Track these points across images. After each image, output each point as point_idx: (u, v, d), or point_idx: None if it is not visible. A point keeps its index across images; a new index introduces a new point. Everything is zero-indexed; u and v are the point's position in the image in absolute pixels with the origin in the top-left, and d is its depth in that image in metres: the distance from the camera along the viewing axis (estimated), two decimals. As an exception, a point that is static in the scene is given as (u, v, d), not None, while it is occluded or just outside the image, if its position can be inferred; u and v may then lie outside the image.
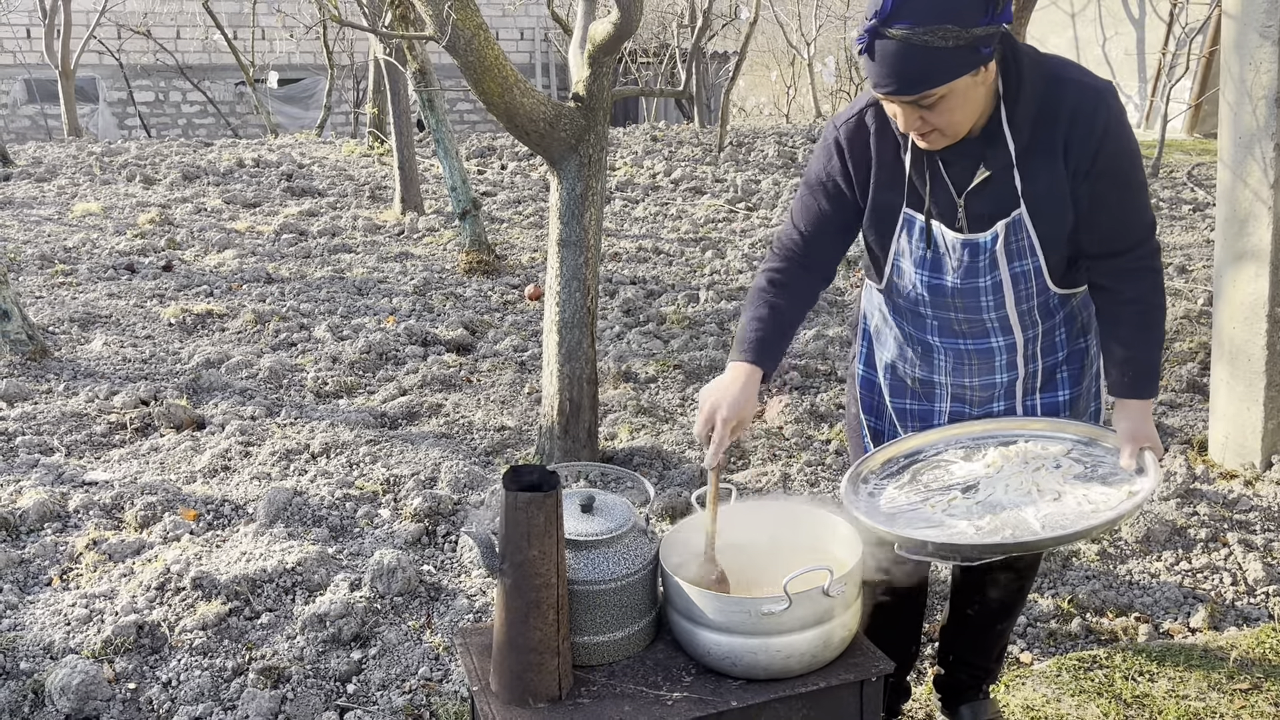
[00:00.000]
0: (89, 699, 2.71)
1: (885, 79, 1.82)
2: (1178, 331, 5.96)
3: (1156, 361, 2.09)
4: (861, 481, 2.17)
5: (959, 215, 2.03)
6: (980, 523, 1.96)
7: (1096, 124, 1.92)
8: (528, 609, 1.85)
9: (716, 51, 19.68)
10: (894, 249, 2.12)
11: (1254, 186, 3.89)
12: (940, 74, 1.79)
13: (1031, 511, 1.96)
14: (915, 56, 1.77)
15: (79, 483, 4.04)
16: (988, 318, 2.12)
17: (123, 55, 18.39)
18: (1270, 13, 3.74)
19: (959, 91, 1.83)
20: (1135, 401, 2.07)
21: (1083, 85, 1.94)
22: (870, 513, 2.05)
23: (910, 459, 2.22)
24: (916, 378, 2.27)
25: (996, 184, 1.99)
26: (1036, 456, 2.11)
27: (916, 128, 1.90)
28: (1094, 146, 1.93)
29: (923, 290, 2.13)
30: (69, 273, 7.25)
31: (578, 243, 3.99)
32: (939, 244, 2.06)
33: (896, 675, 2.57)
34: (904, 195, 2.06)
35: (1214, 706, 2.72)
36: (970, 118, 1.91)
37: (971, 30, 1.76)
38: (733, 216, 9.42)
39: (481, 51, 3.67)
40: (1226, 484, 4.00)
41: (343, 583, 3.25)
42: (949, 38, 1.75)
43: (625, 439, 4.56)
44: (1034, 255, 2.04)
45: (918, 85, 1.80)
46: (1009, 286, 2.07)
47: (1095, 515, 1.91)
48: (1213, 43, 11.97)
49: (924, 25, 1.75)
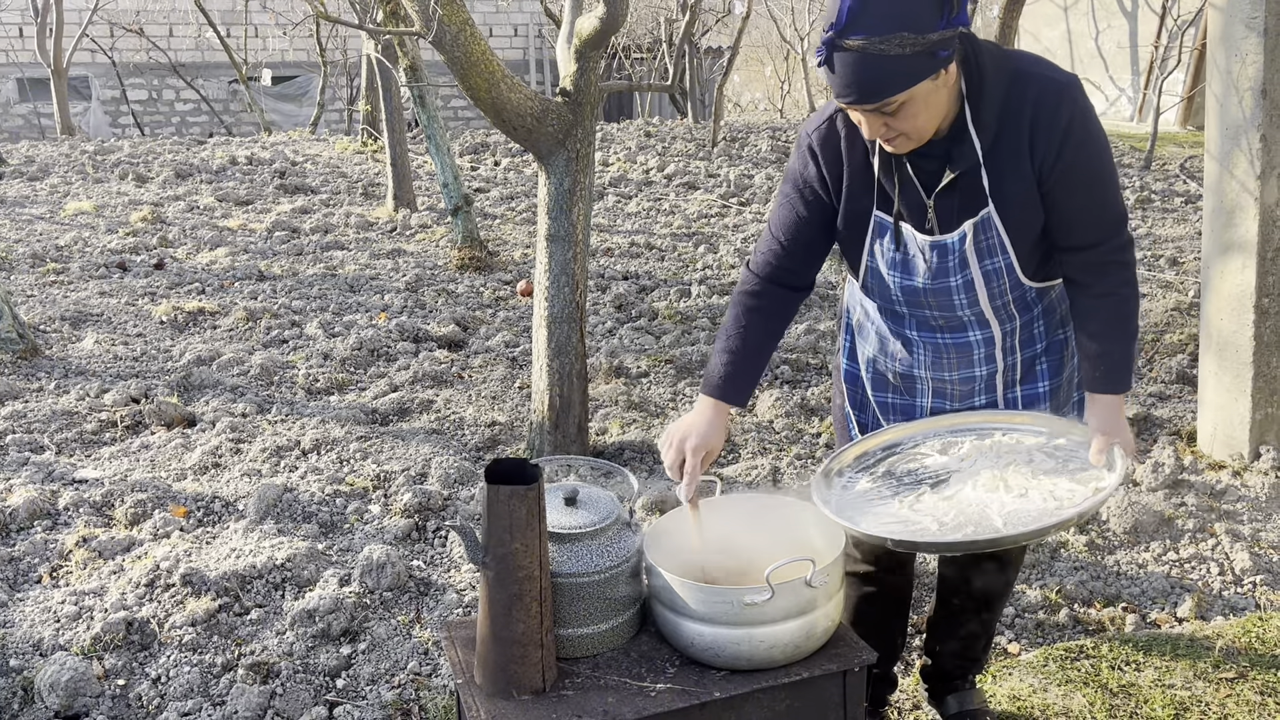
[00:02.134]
0: (78, 695, 2.71)
1: (845, 89, 1.83)
2: (1168, 324, 5.98)
3: (1129, 356, 2.08)
4: (836, 475, 2.18)
5: (929, 216, 2.04)
6: (945, 518, 1.97)
7: (1060, 118, 1.92)
8: (510, 602, 1.86)
9: (710, 46, 19.68)
10: (866, 252, 2.13)
11: (1241, 178, 3.90)
12: (899, 81, 1.79)
13: (996, 507, 1.96)
14: (873, 66, 1.78)
15: (69, 480, 4.04)
16: (963, 314, 2.13)
17: (115, 53, 18.35)
18: (1256, 4, 3.75)
19: (920, 97, 1.84)
20: (1107, 396, 2.07)
21: (1046, 80, 1.94)
22: (840, 506, 2.06)
23: (888, 451, 2.23)
24: (898, 372, 2.28)
25: (964, 183, 1.99)
26: (1009, 450, 2.12)
27: (881, 134, 1.91)
28: (1059, 141, 1.93)
29: (897, 291, 2.14)
30: (60, 271, 7.24)
31: (566, 237, 3.99)
32: (908, 246, 2.07)
33: (883, 666, 2.59)
34: (874, 198, 2.07)
35: (1200, 695, 2.73)
36: (934, 121, 1.91)
37: (927, 36, 1.77)
38: (726, 211, 9.43)
39: (468, 46, 3.67)
40: (1215, 475, 4.01)
41: (332, 578, 3.26)
42: (905, 45, 1.76)
43: (616, 434, 4.56)
44: (1004, 253, 2.04)
45: (877, 94, 1.81)
46: (981, 284, 2.08)
47: (1057, 512, 1.91)
48: (1204, 35, 11.96)
49: (879, 34, 1.75)
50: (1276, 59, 3.77)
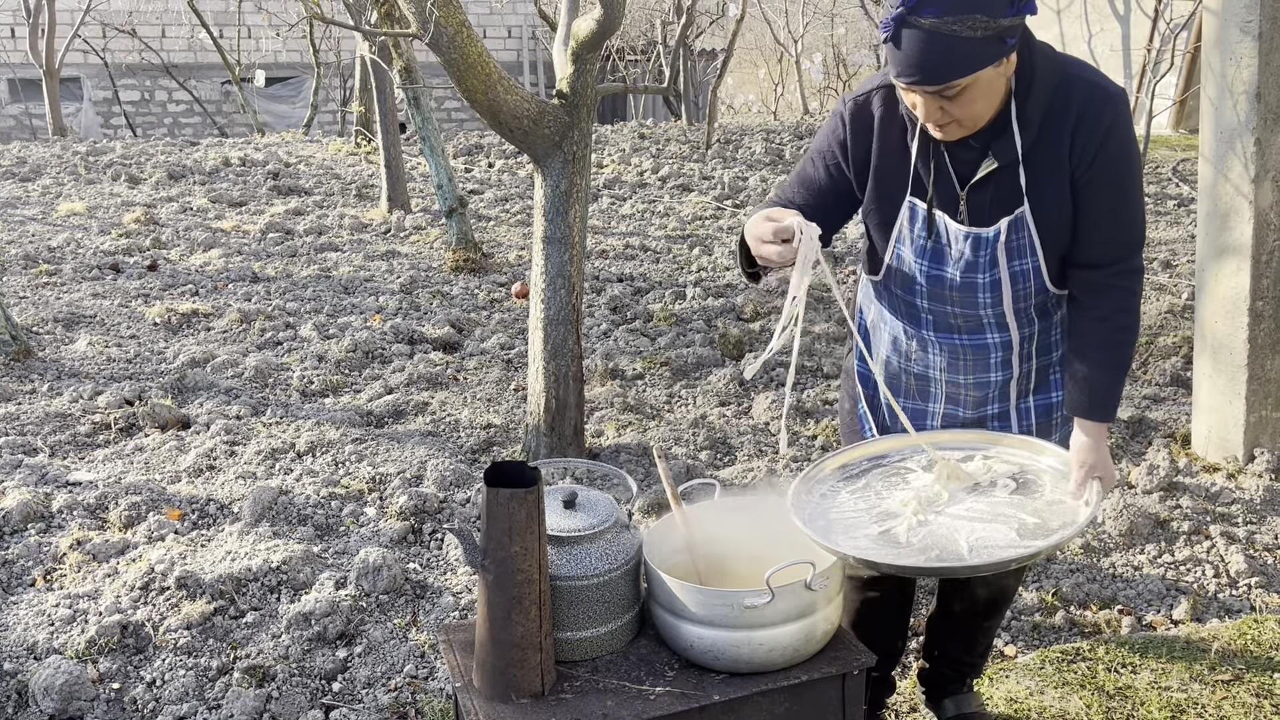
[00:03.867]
0: (73, 699, 2.70)
1: (910, 69, 1.78)
2: (1162, 326, 5.99)
3: (1117, 385, 2.04)
4: (818, 482, 2.15)
5: (960, 208, 2.01)
6: (914, 538, 1.95)
7: (1101, 124, 1.90)
8: (510, 605, 1.86)
9: (704, 49, 19.69)
10: (895, 236, 2.09)
11: (1235, 181, 3.91)
12: (967, 64, 1.76)
13: (965, 533, 1.93)
14: (943, 46, 1.74)
15: (63, 483, 4.02)
16: (984, 314, 2.10)
17: (108, 54, 18.30)
18: (1250, 8, 3.76)
19: (983, 82, 1.81)
20: (1090, 423, 2.03)
21: (1094, 86, 1.92)
22: (814, 516, 2.04)
23: (873, 463, 2.20)
24: (912, 373, 2.25)
25: (1000, 179, 1.97)
26: (988, 474, 2.09)
27: (936, 119, 1.87)
28: (1095, 147, 1.91)
29: (922, 280, 2.10)
30: (53, 272, 7.21)
31: (563, 240, 3.99)
32: (941, 234, 2.03)
33: (882, 669, 2.58)
34: (908, 183, 2.03)
35: (1196, 698, 2.74)
36: (990, 109, 1.88)
37: (999, 20, 1.74)
38: (720, 214, 9.43)
39: (464, 48, 3.66)
40: (1209, 477, 4.02)
41: (328, 581, 3.25)
42: (977, 27, 1.73)
43: (612, 436, 4.56)
44: (1034, 254, 2.01)
45: (944, 75, 1.77)
46: (1007, 285, 2.04)
47: (1022, 547, 1.87)
48: (1197, 38, 12.01)
49: (953, 15, 1.72)
50: (1271, 62, 3.78)
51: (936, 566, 1.88)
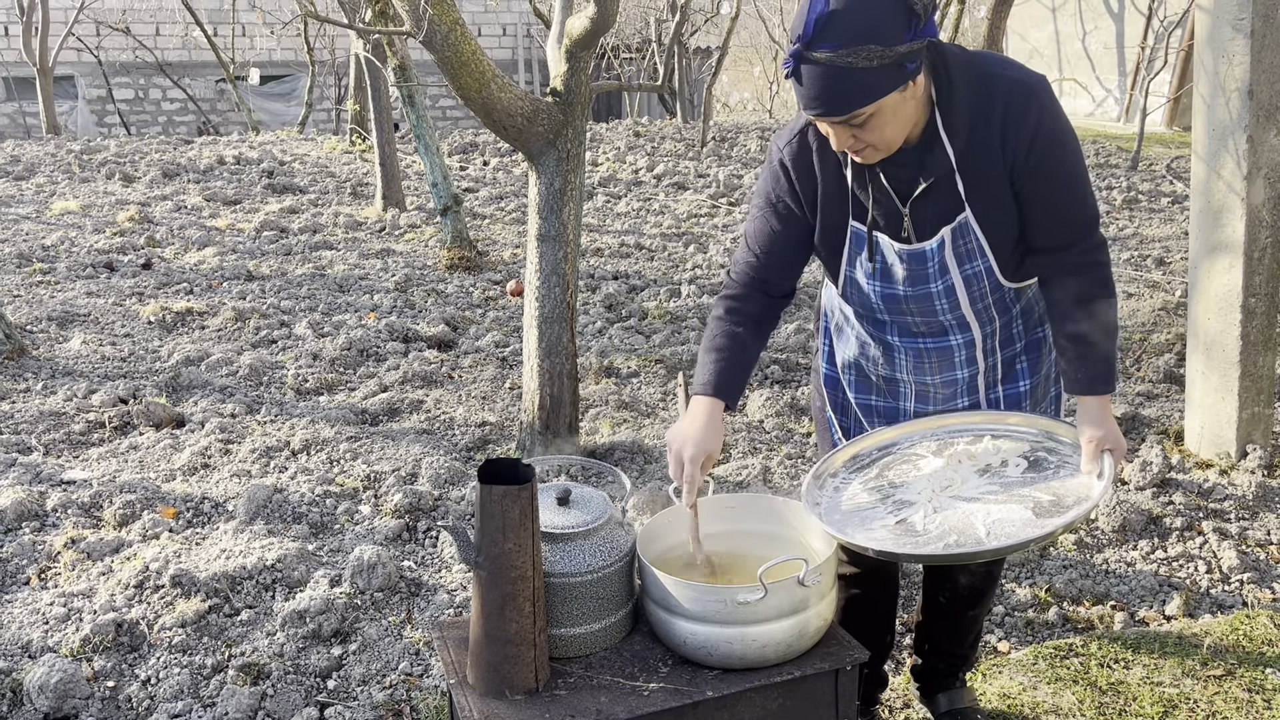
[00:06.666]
0: (68, 697, 2.70)
1: (813, 101, 1.82)
2: (1155, 323, 6.01)
3: (1111, 355, 2.06)
4: (830, 476, 2.18)
5: (905, 224, 2.03)
6: (930, 525, 1.96)
7: (1029, 118, 1.92)
8: (504, 601, 1.86)
9: (699, 46, 19.69)
10: (845, 263, 2.13)
11: (1227, 179, 3.93)
12: (866, 94, 1.79)
13: (981, 516, 1.95)
14: (840, 78, 1.77)
15: (57, 481, 4.02)
16: (944, 319, 2.13)
17: (101, 52, 18.26)
18: (1243, 6, 3.77)
19: (888, 108, 1.83)
20: (1093, 398, 2.05)
21: (1014, 81, 1.94)
22: (829, 510, 2.05)
23: (883, 452, 2.22)
24: (880, 374, 2.28)
25: (939, 190, 1.99)
26: (999, 454, 2.10)
27: (850, 145, 1.90)
28: (1028, 140, 1.93)
29: (877, 299, 2.14)
30: (47, 271, 7.20)
31: (557, 237, 3.99)
32: (884, 255, 2.07)
33: (873, 665, 2.59)
34: (849, 209, 2.06)
35: (1188, 693, 2.75)
36: (903, 131, 1.90)
37: (895, 49, 1.76)
38: (715, 211, 9.44)
39: (458, 46, 3.66)
40: (1202, 473, 4.04)
41: (323, 579, 3.25)
42: (873, 57, 1.75)
43: (607, 434, 4.56)
44: (984, 256, 2.04)
45: (845, 106, 1.80)
46: (962, 288, 2.07)
47: (1042, 523, 1.89)
48: (1191, 36, 12.03)
49: (847, 47, 1.74)
50: (1263, 60, 3.79)
51: (957, 553, 1.89)
